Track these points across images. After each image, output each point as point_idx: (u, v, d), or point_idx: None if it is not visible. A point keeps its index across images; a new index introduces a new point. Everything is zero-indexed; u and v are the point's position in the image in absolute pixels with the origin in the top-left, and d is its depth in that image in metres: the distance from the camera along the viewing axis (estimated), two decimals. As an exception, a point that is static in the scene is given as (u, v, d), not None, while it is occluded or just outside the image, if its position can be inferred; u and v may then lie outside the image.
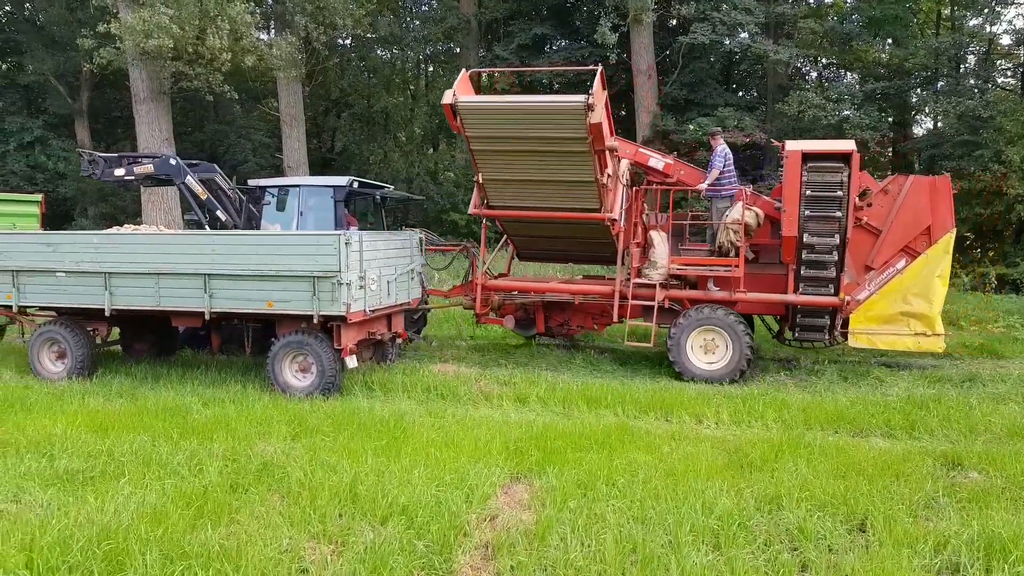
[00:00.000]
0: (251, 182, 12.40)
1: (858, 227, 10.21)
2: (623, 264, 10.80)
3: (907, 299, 10.00)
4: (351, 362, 9.03)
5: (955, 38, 21.40)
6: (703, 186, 10.93)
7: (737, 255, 10.32)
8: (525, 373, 10.14)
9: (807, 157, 9.91)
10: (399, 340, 10.61)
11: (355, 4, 21.18)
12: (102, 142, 27.01)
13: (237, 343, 10.86)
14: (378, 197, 12.58)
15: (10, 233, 10.27)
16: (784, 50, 20.00)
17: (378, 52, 29.46)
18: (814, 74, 25.79)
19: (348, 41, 27.90)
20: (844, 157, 9.83)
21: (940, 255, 9.97)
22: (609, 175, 10.09)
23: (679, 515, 5.09)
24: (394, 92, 30.04)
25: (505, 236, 11.88)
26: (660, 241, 10.66)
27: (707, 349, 10.30)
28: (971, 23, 22.46)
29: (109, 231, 10.52)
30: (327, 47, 23.49)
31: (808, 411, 8.14)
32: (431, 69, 32.21)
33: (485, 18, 26.20)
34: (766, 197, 10.91)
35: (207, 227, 11.76)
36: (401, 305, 10.03)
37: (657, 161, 11.24)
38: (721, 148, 11.02)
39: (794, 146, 10.11)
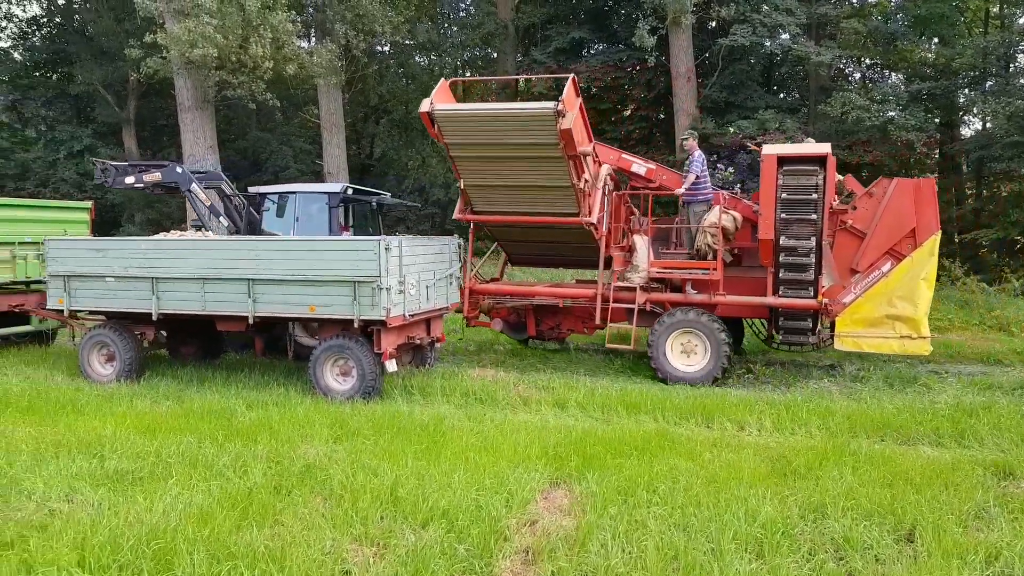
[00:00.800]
0: (251, 189, 12.89)
1: (843, 230, 10.30)
2: (607, 267, 11.01)
3: (892, 302, 10.01)
4: (391, 366, 9.11)
5: (1004, 37, 20.85)
6: (680, 190, 11.05)
7: (715, 258, 10.46)
8: (563, 378, 10.12)
9: (782, 161, 10.01)
10: (438, 344, 10.67)
11: (393, 11, 21.39)
12: (149, 150, 27.68)
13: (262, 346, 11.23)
14: (374, 204, 12.98)
15: (62, 239, 10.55)
16: (826, 51, 19.67)
17: (416, 58, 29.70)
18: (857, 75, 25.35)
19: (387, 48, 28.20)
20: (819, 160, 9.87)
21: (925, 258, 9.97)
22: (587, 180, 10.32)
23: (722, 523, 5.04)
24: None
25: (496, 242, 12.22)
26: (642, 245, 10.86)
27: (686, 351, 10.43)
28: (1021, 21, 21.90)
29: (156, 237, 10.76)
30: (366, 54, 23.75)
31: (853, 418, 7.99)
32: (468, 75, 32.37)
33: (522, 23, 26.25)
34: (746, 201, 10.96)
35: (211, 233, 12.19)
36: (439, 310, 10.09)
37: (639, 166, 11.44)
38: (698, 154, 11.17)
39: (770, 150, 10.23)
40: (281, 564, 4.34)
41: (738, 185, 19.67)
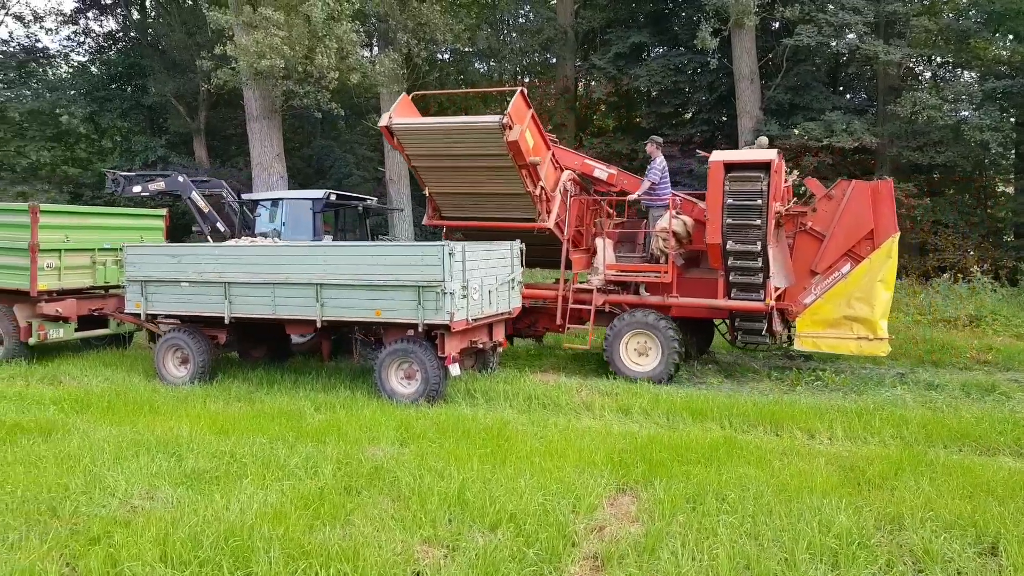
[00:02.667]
0: (244, 196, 13.93)
1: (803, 232, 10.56)
2: (568, 269, 11.43)
3: (851, 303, 10.14)
4: (454, 370, 9.19)
5: (1086, 31, 19.99)
6: (634, 196, 11.36)
7: (667, 262, 10.76)
8: (626, 384, 10.06)
9: (729, 167, 10.15)
10: (500, 349, 10.73)
11: (454, 19, 21.63)
12: (218, 159, 28.52)
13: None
14: (360, 208, 13.64)
15: (140, 246, 10.94)
16: (895, 50, 19.14)
17: (476, 65, 29.96)
18: (928, 74, 24.57)
19: (447, 56, 28.50)
20: (764, 167, 10.01)
21: (883, 260, 10.13)
22: (542, 187, 10.73)
23: (795, 532, 4.94)
24: (491, 104, 30.45)
25: None
26: (603, 248, 11.14)
27: (640, 352, 10.70)
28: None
29: (229, 243, 11.08)
30: (427, 62, 24.07)
31: (929, 427, 7.75)
32: (527, 80, 32.48)
33: (582, 28, 26.23)
34: (702, 205, 10.90)
35: (209, 238, 13.15)
36: (502, 314, 10.14)
37: (601, 172, 11.79)
38: (659, 159, 11.37)
39: (717, 157, 10.39)
40: (354, 564, 4.42)
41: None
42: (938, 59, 23.99)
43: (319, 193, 12.76)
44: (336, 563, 4.43)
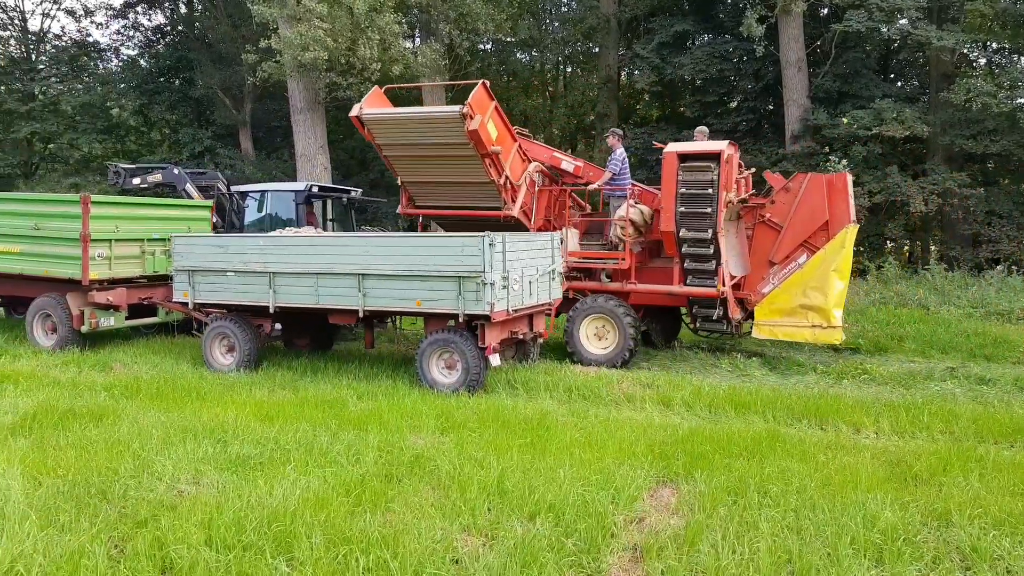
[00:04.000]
0: (233, 188, 14.66)
1: (762, 223, 11.04)
2: None
3: (806, 292, 10.48)
4: (494, 360, 9.20)
5: None
6: (594, 186, 11.88)
7: (625, 249, 11.21)
8: (668, 376, 9.98)
9: (682, 157, 10.61)
10: (540, 340, 10.73)
11: (496, 9, 21.56)
12: (263, 150, 28.92)
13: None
14: (345, 200, 14.31)
15: (187, 236, 11.16)
16: (949, 35, 18.56)
17: (517, 55, 29.86)
18: (983, 60, 23.80)
19: (489, 46, 28.45)
20: (714, 157, 10.40)
21: (837, 249, 10.41)
22: (507, 176, 11.08)
23: (838, 527, 4.86)
24: (532, 95, 30.37)
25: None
26: (571, 237, 11.61)
27: (598, 335, 11.11)
28: None
29: (273, 234, 11.24)
30: (469, 52, 24.05)
31: (979, 422, 7.55)
32: (569, 70, 32.29)
33: (625, 16, 25.95)
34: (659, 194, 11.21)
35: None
36: (542, 305, 10.13)
37: (568, 164, 12.22)
38: (619, 151, 11.83)
39: (671, 148, 10.86)
40: (394, 550, 4.46)
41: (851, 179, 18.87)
42: (994, 45, 23.21)
43: (301, 185, 13.57)
44: (376, 549, 4.47)
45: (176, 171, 15.04)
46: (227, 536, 4.67)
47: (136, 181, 15.20)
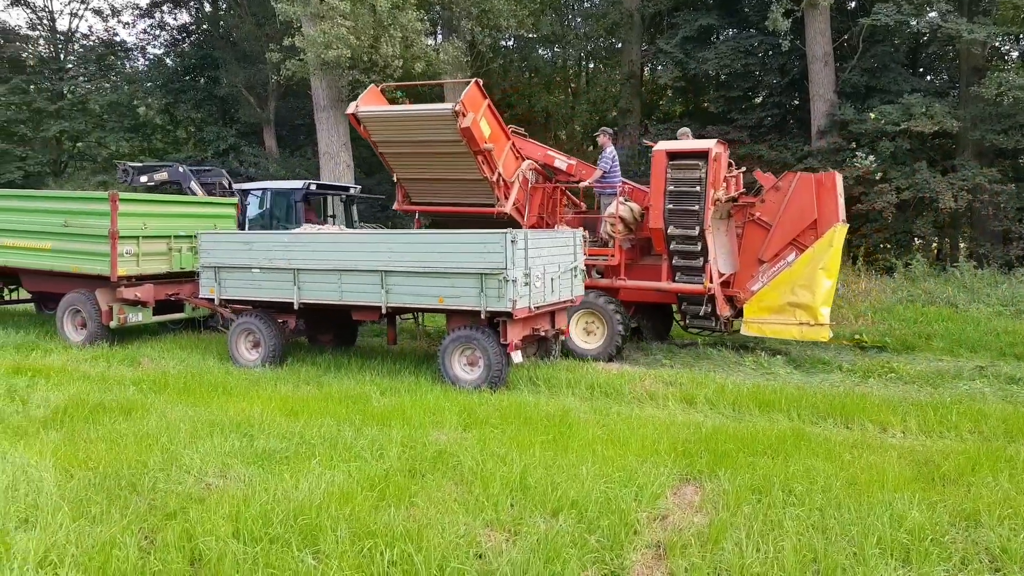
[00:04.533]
0: (235, 186, 15.17)
1: (752, 222, 11.18)
2: None
3: (794, 290, 10.61)
4: (516, 357, 9.22)
5: None
6: (585, 183, 12.07)
7: (615, 245, 11.37)
8: (692, 374, 9.94)
9: (671, 156, 10.79)
10: (562, 337, 10.72)
11: (518, 5, 21.53)
12: (286, 148, 29.14)
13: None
14: (344, 197, 14.82)
15: (213, 233, 11.28)
16: (980, 28, 18.24)
17: (540, 52, 29.80)
18: (1015, 53, 23.39)
19: (511, 42, 28.43)
20: (702, 155, 10.57)
21: (825, 248, 10.53)
22: (499, 173, 11.25)
23: (864, 526, 4.82)
24: (555, 91, 30.28)
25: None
26: None
27: (588, 331, 11.35)
28: None
29: (297, 231, 11.33)
30: (491, 49, 24.05)
31: (1010, 422, 7.44)
32: (591, 66, 32.17)
33: (648, 11, 25.80)
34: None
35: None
36: (564, 302, 10.12)
37: (561, 162, 12.38)
38: (609, 150, 11.96)
39: (660, 147, 11.07)
40: (418, 544, 4.48)
41: (879, 175, 18.65)
42: (1026, 37, 22.82)
43: (299, 184, 14.07)
44: (401, 543, 4.50)
45: (181, 169, 15.63)
46: (254, 529, 4.73)
47: (143, 179, 15.81)
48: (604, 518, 4.94)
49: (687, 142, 11.46)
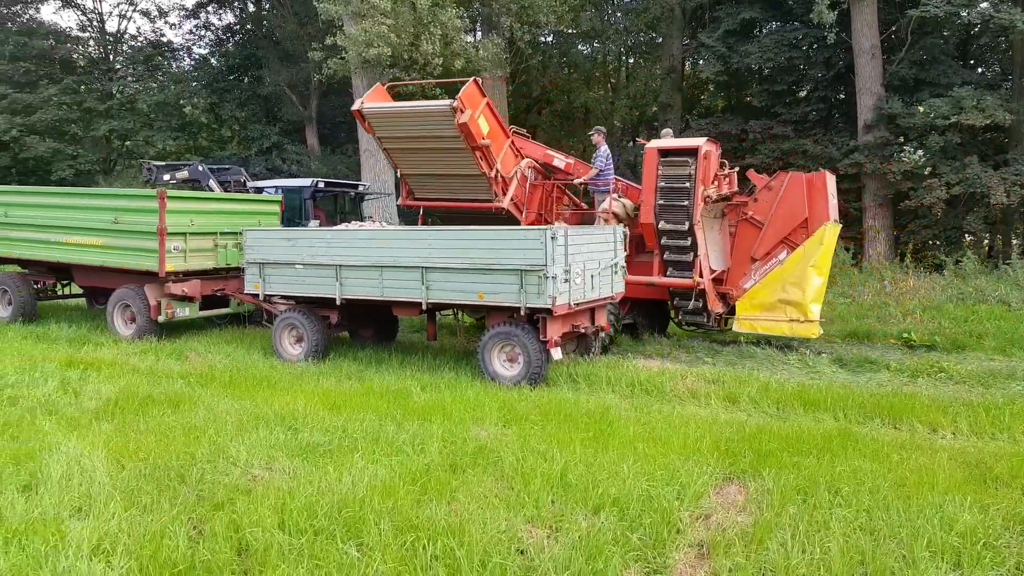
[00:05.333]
0: (249, 184, 15.95)
1: (744, 220, 11.36)
2: None
3: (785, 288, 10.79)
4: (556, 354, 9.20)
5: None
6: (580, 180, 12.28)
7: None
8: (734, 372, 9.82)
9: (662, 153, 11.04)
10: (602, 334, 10.68)
11: (557, 1, 21.45)
12: (328, 146, 29.48)
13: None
14: (353, 194, 15.46)
15: (258, 230, 11.45)
16: (1034, 18, 17.74)
17: (579, 47, 29.68)
18: (1070, 44, 22.66)
19: (550, 39, 28.36)
20: (692, 152, 10.80)
21: (815, 246, 10.72)
22: (498, 169, 11.46)
23: (913, 528, 4.72)
24: (594, 87, 30.16)
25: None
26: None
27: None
28: None
29: (339, 228, 11.45)
30: (530, 45, 24.02)
31: (1066, 424, 7.22)
32: (631, 61, 31.95)
33: (689, 5, 25.53)
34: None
35: None
36: (604, 299, 10.07)
37: (560, 161, 12.60)
38: (603, 149, 12.14)
39: (652, 144, 11.31)
40: (460, 539, 4.51)
41: (928, 170, 18.21)
42: (1083, 27, 22.07)
43: (307, 182, 14.80)
44: (443, 537, 4.53)
45: (200, 168, 16.37)
46: (299, 520, 4.80)
47: (166, 177, 16.44)
48: (646, 516, 4.91)
49: (678, 140, 11.68)
